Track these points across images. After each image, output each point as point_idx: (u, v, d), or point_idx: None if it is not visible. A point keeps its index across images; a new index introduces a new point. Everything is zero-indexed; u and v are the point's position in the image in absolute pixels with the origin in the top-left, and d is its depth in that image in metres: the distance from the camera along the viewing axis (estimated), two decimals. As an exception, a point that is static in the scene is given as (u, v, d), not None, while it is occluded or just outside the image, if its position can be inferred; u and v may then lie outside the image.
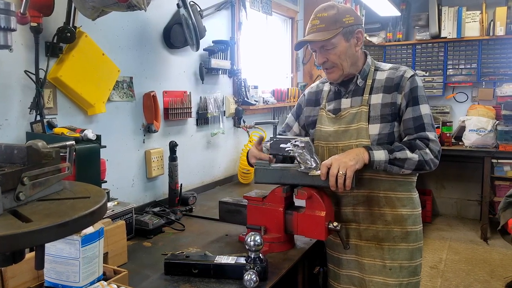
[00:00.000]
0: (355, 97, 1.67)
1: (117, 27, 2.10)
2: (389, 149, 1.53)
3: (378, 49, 5.36)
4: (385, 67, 1.69)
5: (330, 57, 1.61)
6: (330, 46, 1.59)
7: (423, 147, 1.53)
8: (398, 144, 1.55)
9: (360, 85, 1.67)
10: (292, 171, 1.59)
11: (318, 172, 1.51)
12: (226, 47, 2.86)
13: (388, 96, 1.61)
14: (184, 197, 2.35)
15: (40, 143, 0.84)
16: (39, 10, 1.63)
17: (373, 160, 1.50)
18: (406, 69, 1.64)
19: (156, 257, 1.60)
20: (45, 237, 0.69)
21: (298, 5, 4.10)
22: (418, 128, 1.56)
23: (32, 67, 1.69)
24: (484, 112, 4.57)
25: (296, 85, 4.13)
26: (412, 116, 1.57)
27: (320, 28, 1.58)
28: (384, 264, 1.63)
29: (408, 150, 1.52)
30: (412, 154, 1.51)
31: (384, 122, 1.60)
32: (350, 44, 1.61)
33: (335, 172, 1.45)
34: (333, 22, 1.57)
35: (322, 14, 1.59)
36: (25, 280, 1.21)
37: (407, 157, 1.51)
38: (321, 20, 1.58)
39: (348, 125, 1.64)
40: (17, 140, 1.67)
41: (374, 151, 1.51)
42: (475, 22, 4.78)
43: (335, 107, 1.72)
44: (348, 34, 1.60)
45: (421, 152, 1.52)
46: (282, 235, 1.63)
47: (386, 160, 1.51)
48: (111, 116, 2.08)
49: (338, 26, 1.57)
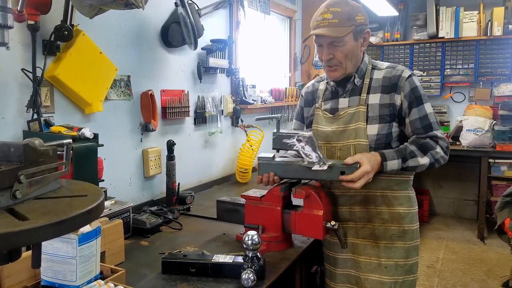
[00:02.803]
0: (353, 96, 1.66)
1: (114, 26, 2.09)
2: (403, 156, 1.53)
3: (376, 49, 5.37)
4: (382, 65, 1.68)
5: (337, 54, 1.58)
6: (340, 43, 1.56)
7: (433, 146, 1.55)
8: (410, 149, 1.55)
9: (358, 84, 1.66)
10: (296, 166, 1.56)
11: (323, 167, 1.49)
12: (224, 46, 2.86)
13: (386, 96, 1.61)
14: (181, 196, 2.35)
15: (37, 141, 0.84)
16: (36, 8, 1.63)
17: (385, 171, 1.53)
18: (403, 68, 1.63)
19: (153, 256, 1.60)
20: (42, 235, 0.69)
21: (296, 4, 4.10)
22: (426, 127, 1.58)
23: (29, 65, 1.68)
24: (482, 112, 4.57)
25: (294, 85, 4.13)
26: (419, 116, 1.58)
27: (332, 23, 1.53)
28: (380, 262, 1.64)
29: (420, 152, 1.54)
30: (423, 158, 1.54)
31: (383, 122, 1.60)
32: (357, 44, 1.60)
33: (368, 170, 1.44)
34: (347, 19, 1.53)
35: (335, 8, 1.54)
36: (22, 279, 1.20)
37: (419, 164, 1.54)
38: (334, 14, 1.53)
39: (346, 125, 1.64)
40: (14, 138, 1.67)
41: (388, 162, 1.52)
42: (473, 22, 4.79)
43: (332, 107, 1.71)
44: (358, 34, 1.58)
45: (432, 152, 1.55)
46: (279, 234, 1.63)
47: (397, 168, 1.54)
48: (108, 115, 2.07)
49: (351, 23, 1.54)
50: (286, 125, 3.94)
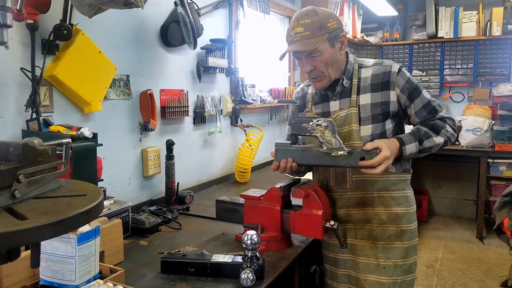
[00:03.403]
0: (343, 98, 1.65)
1: (114, 25, 2.09)
2: (418, 138, 1.56)
3: (375, 48, 5.37)
4: (368, 63, 1.67)
5: (316, 64, 1.57)
6: (316, 53, 1.54)
7: (443, 125, 1.61)
8: (424, 130, 1.58)
9: (347, 85, 1.65)
10: (314, 152, 1.53)
11: (341, 152, 1.46)
12: (223, 45, 2.86)
13: (377, 94, 1.60)
14: (180, 196, 2.35)
15: (36, 141, 0.84)
16: (35, 7, 1.62)
17: (404, 155, 1.54)
18: (391, 63, 1.62)
19: (152, 256, 1.60)
20: (41, 235, 0.68)
21: (295, 4, 4.09)
22: (432, 111, 1.63)
23: (28, 65, 1.68)
24: (480, 112, 4.58)
25: (293, 84, 4.13)
26: (422, 105, 1.61)
27: (305, 36, 1.52)
28: (378, 263, 1.64)
29: (433, 132, 1.58)
30: (438, 137, 1.58)
31: (376, 122, 1.60)
32: (335, 49, 1.58)
33: (388, 155, 1.44)
34: (318, 28, 1.52)
35: (305, 20, 1.52)
36: (21, 278, 1.20)
37: (435, 144, 1.58)
38: (305, 27, 1.52)
39: (339, 128, 1.62)
40: (13, 138, 1.66)
41: (406, 146, 1.54)
42: (472, 22, 4.80)
43: (324, 111, 1.70)
44: (333, 39, 1.56)
45: (443, 131, 1.59)
46: (279, 234, 1.63)
47: (416, 151, 1.56)
48: (107, 114, 2.07)
49: (323, 32, 1.52)
50: (285, 125, 3.94)
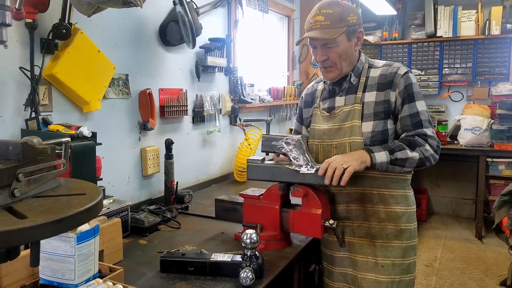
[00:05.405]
0: (349, 95, 1.67)
1: (113, 24, 2.09)
2: (389, 149, 1.52)
3: (374, 47, 5.37)
4: (378, 64, 1.69)
5: (331, 55, 1.60)
6: (333, 44, 1.57)
7: (422, 143, 1.54)
8: (398, 143, 1.55)
9: (354, 83, 1.66)
10: (284, 169, 1.58)
11: (308, 171, 1.51)
12: (222, 45, 2.86)
13: (382, 93, 1.61)
14: (180, 195, 2.35)
15: (35, 140, 0.84)
16: (34, 6, 1.62)
17: (375, 163, 1.50)
18: (399, 66, 1.63)
19: (151, 255, 1.60)
20: (40, 233, 0.69)
21: (294, 3, 4.10)
22: (416, 125, 1.57)
23: (27, 64, 1.68)
24: (479, 111, 4.58)
25: (292, 84, 4.13)
26: (409, 113, 1.57)
27: (324, 25, 1.55)
28: (376, 261, 1.64)
29: (408, 148, 1.52)
30: (413, 152, 1.52)
31: (377, 119, 1.60)
32: (351, 44, 1.61)
33: (335, 165, 1.45)
34: (338, 20, 1.55)
35: (327, 10, 1.56)
36: (20, 277, 1.20)
37: (408, 157, 1.51)
38: (326, 16, 1.55)
39: (341, 123, 1.64)
40: (12, 137, 1.66)
41: (375, 153, 1.51)
42: (471, 21, 4.80)
43: (330, 106, 1.72)
44: (351, 34, 1.59)
45: (421, 149, 1.53)
46: (278, 233, 1.63)
47: (387, 161, 1.51)
48: (106, 114, 2.07)
49: (343, 24, 1.56)
50: (284, 124, 3.95)
